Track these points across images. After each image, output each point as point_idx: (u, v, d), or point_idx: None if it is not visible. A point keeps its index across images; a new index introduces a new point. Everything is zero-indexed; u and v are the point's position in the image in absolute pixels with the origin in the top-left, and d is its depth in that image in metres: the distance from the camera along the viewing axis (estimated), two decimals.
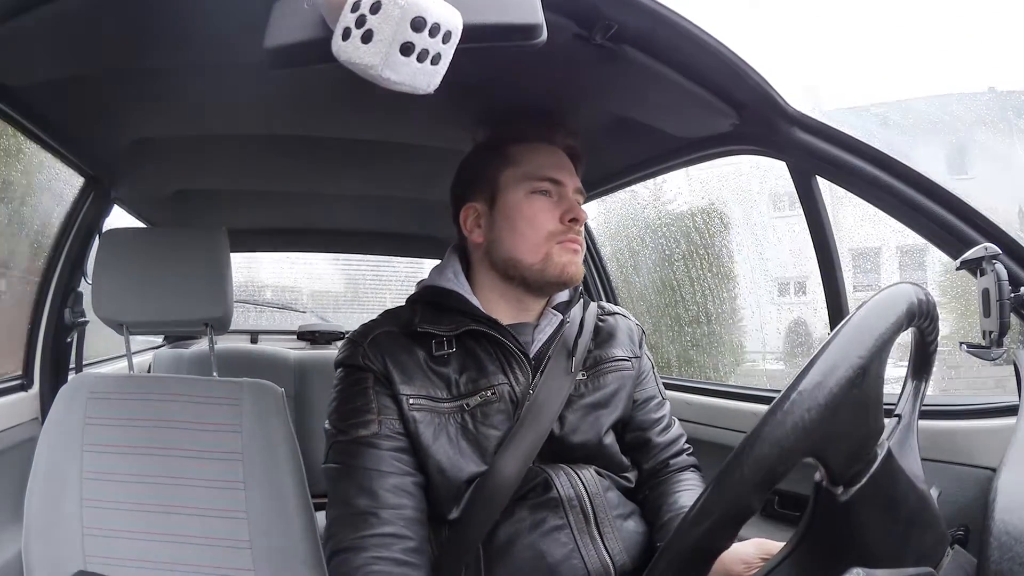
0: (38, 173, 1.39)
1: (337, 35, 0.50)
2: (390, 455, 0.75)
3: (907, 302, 0.47)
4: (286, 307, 2.50)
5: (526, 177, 0.83)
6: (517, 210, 0.82)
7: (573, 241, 0.82)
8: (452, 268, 0.86)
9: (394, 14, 0.49)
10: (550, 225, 0.81)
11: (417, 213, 1.70)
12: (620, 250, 2.06)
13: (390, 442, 0.75)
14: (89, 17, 0.67)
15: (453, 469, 0.75)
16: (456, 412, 0.77)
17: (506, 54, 0.53)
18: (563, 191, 0.83)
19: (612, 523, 0.77)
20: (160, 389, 0.98)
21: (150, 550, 0.88)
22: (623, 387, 0.86)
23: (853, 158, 0.83)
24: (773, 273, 2.44)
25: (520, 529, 0.74)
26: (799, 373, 0.43)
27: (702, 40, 0.72)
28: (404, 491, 0.74)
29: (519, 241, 0.82)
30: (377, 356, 0.78)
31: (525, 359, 0.80)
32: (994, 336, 0.60)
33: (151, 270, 1.04)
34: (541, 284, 0.82)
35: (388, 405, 0.77)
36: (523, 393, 0.78)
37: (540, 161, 0.84)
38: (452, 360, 0.79)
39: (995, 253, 0.61)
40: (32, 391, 1.16)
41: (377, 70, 0.50)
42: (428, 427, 0.76)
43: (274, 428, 0.96)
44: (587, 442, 0.81)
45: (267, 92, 0.90)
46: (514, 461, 0.75)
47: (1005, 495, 0.43)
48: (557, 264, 0.81)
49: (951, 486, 0.73)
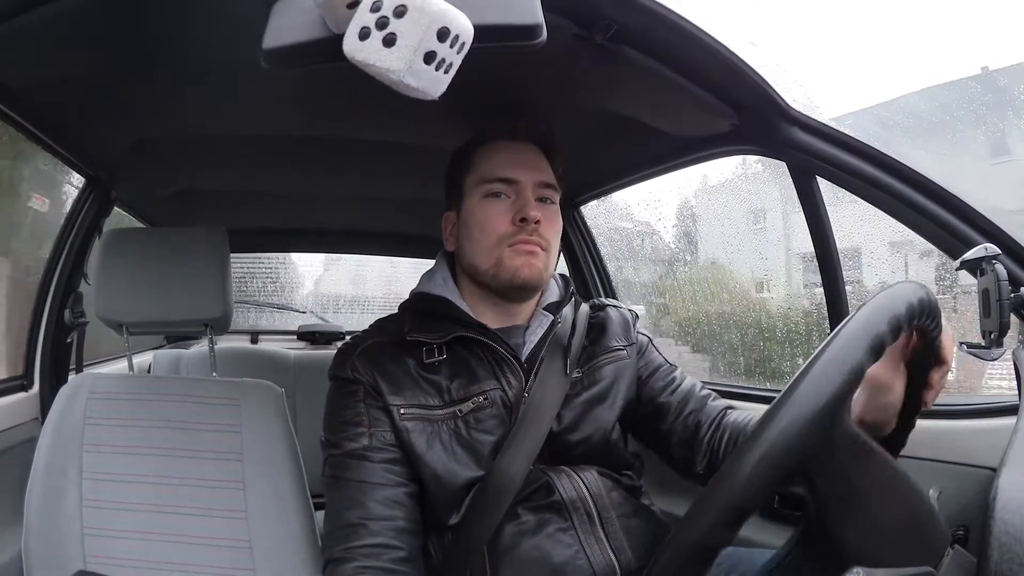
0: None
1: (352, 33, 0.49)
2: (381, 467, 0.75)
3: (906, 304, 0.47)
4: (286, 307, 2.50)
5: (480, 180, 0.82)
6: (472, 215, 0.82)
7: (525, 243, 0.79)
8: (441, 274, 0.86)
9: (421, 22, 0.48)
10: (501, 228, 0.79)
11: (417, 213, 1.70)
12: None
13: (381, 454, 0.76)
14: (89, 17, 0.67)
15: (449, 476, 0.75)
16: (449, 419, 0.77)
17: (506, 54, 0.52)
18: (519, 189, 0.81)
19: (617, 523, 0.76)
20: (160, 389, 0.98)
21: (150, 550, 0.88)
22: (621, 376, 0.85)
23: (853, 158, 0.83)
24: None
25: (524, 530, 0.74)
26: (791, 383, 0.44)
27: (702, 40, 0.72)
28: (395, 502, 0.74)
29: (475, 247, 0.81)
30: (366, 368, 0.78)
31: (516, 363, 0.79)
32: (994, 336, 0.60)
33: (151, 270, 1.04)
34: (502, 290, 0.81)
35: (379, 417, 0.77)
36: (517, 397, 0.78)
37: (495, 161, 0.83)
38: (443, 367, 0.79)
39: (995, 253, 0.61)
40: (32, 391, 1.16)
41: (398, 75, 0.49)
42: (421, 436, 0.76)
43: (274, 428, 0.96)
44: (587, 439, 0.80)
45: (267, 92, 0.90)
46: (515, 463, 0.75)
47: (1005, 495, 0.43)
48: (508, 268, 0.79)
49: (951, 486, 0.73)
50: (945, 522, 0.50)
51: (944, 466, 0.78)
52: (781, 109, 0.84)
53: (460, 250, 0.84)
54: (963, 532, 0.70)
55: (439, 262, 0.88)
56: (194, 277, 1.06)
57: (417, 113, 0.55)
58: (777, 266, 2.16)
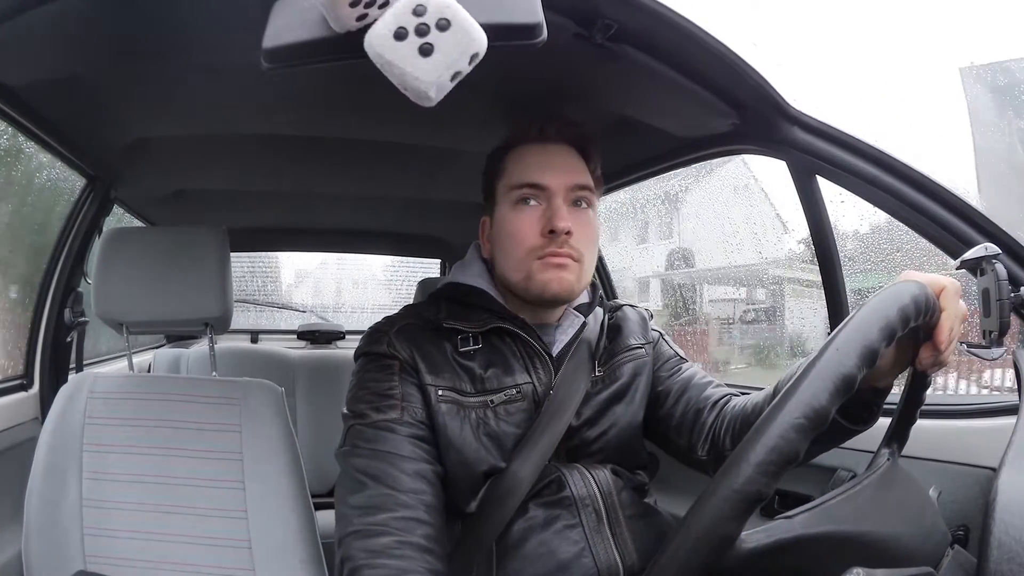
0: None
1: (385, 30, 0.48)
2: (410, 441, 0.73)
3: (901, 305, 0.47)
4: (286, 307, 2.50)
5: (510, 187, 0.79)
6: (503, 225, 0.80)
7: (555, 255, 0.76)
8: (477, 266, 0.85)
9: (461, 42, 0.48)
10: (530, 240, 0.76)
11: (417, 213, 1.70)
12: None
13: (411, 429, 0.73)
14: (89, 17, 0.67)
15: (475, 463, 0.75)
16: (480, 407, 0.76)
17: (506, 54, 0.52)
18: (549, 195, 0.77)
19: (625, 523, 0.76)
20: (160, 389, 0.98)
21: (150, 550, 0.88)
22: (640, 374, 0.85)
23: (853, 158, 0.83)
24: None
25: (533, 526, 0.74)
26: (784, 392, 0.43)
27: (702, 40, 0.72)
28: (423, 478, 0.72)
29: (506, 259, 0.80)
30: (404, 345, 0.77)
31: (549, 359, 0.79)
32: (994, 336, 0.60)
33: (151, 270, 1.04)
34: (533, 302, 0.80)
35: (413, 394, 0.75)
36: (544, 392, 0.78)
37: (523, 165, 0.80)
38: (478, 356, 0.78)
39: (995, 253, 0.61)
40: (32, 391, 1.16)
41: (424, 86, 0.49)
42: (454, 419, 0.75)
43: (274, 428, 0.96)
44: (603, 435, 0.80)
45: (267, 92, 0.89)
46: (530, 459, 0.75)
47: (1005, 495, 0.43)
48: (538, 283, 0.76)
49: (951, 486, 0.73)
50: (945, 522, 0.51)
51: (944, 466, 0.78)
52: (781, 108, 0.84)
53: (495, 258, 0.83)
54: (963, 532, 0.70)
55: (473, 254, 0.87)
56: (194, 276, 1.06)
57: (417, 113, 0.54)
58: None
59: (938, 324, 0.52)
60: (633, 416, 0.83)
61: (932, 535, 0.51)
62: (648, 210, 3.39)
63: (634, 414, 0.83)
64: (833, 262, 0.94)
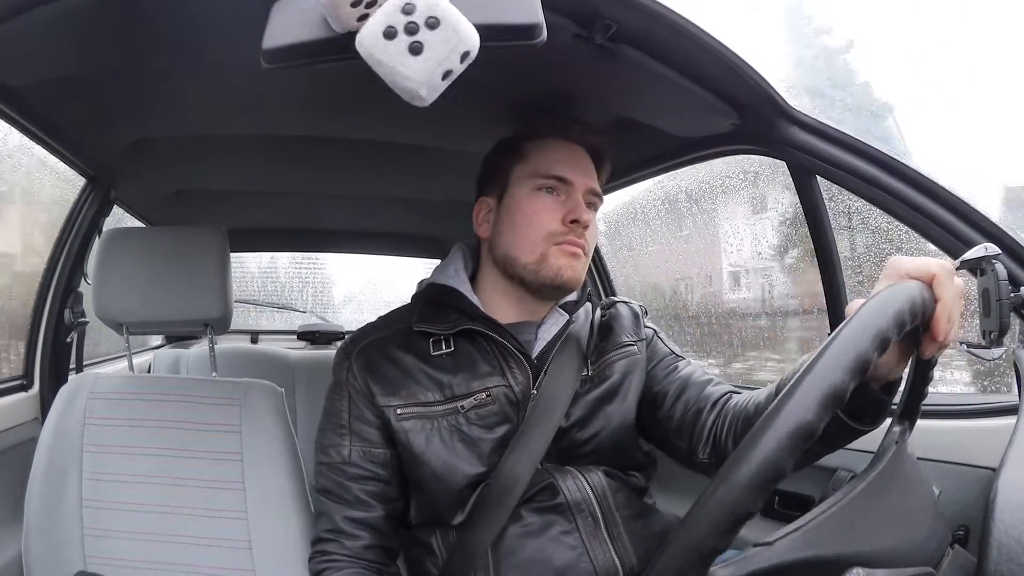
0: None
1: (375, 30, 0.48)
2: (356, 486, 0.78)
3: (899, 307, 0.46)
4: (286, 307, 2.50)
5: (534, 173, 0.82)
6: (519, 206, 0.81)
7: (572, 244, 0.79)
8: (454, 265, 0.85)
9: (451, 41, 0.48)
10: (550, 225, 0.79)
11: (418, 213, 1.70)
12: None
13: (356, 470, 0.78)
14: (89, 17, 0.67)
15: (448, 473, 0.75)
16: (450, 414, 0.76)
17: (505, 54, 0.52)
18: (571, 190, 0.81)
19: (622, 525, 0.76)
20: (160, 389, 0.98)
21: (150, 550, 0.88)
22: (632, 372, 0.83)
23: (853, 158, 0.83)
24: None
25: (528, 532, 0.74)
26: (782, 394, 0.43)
27: (702, 40, 0.72)
28: (362, 523, 0.78)
29: (517, 238, 0.80)
30: (361, 371, 0.80)
31: (525, 359, 0.78)
32: (994, 336, 0.60)
33: (151, 270, 1.04)
34: (537, 286, 0.80)
35: (364, 425, 0.79)
36: (524, 394, 0.77)
37: (551, 157, 0.82)
38: (448, 360, 0.78)
39: (995, 253, 0.61)
40: (32, 391, 1.15)
41: (414, 84, 0.49)
42: (419, 434, 0.76)
43: (274, 428, 0.96)
44: (595, 436, 0.79)
45: (267, 92, 0.89)
46: (522, 462, 0.74)
47: (1005, 495, 0.43)
48: (552, 266, 0.78)
49: (951, 486, 0.73)
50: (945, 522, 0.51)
51: (944, 466, 0.78)
52: (781, 109, 0.84)
53: (497, 238, 0.83)
54: (963, 532, 0.70)
55: (454, 253, 0.87)
56: (194, 277, 1.06)
57: (417, 114, 0.55)
58: None
59: (935, 316, 0.50)
60: (626, 415, 0.81)
61: (931, 537, 0.50)
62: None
63: (627, 413, 0.81)
64: (833, 262, 0.94)
